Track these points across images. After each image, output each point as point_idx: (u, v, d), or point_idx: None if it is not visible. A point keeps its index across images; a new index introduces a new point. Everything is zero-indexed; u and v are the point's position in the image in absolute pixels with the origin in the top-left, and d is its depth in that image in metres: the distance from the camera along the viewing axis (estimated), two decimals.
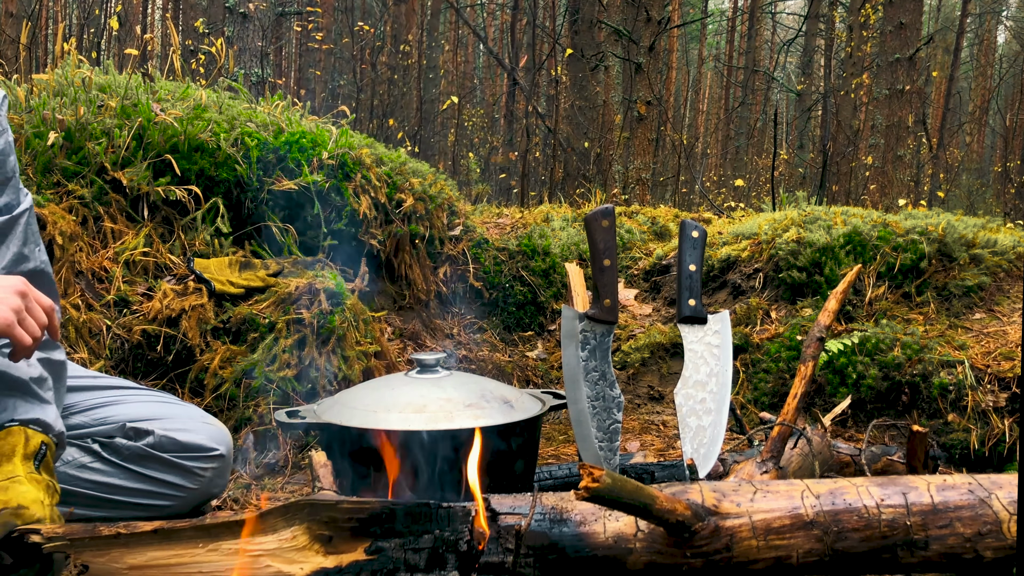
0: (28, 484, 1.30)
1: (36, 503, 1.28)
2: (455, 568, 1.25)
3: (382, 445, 1.50)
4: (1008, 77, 21.50)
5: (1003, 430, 2.58)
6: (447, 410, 1.56)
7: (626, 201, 8.47)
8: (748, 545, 1.32)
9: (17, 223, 1.48)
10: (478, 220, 3.97)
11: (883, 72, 9.80)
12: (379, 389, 1.72)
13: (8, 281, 1.31)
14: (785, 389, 2.99)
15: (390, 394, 1.64)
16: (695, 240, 1.82)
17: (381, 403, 1.60)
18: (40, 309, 1.33)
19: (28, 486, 1.30)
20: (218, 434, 1.68)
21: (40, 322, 1.33)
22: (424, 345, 3.13)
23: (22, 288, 1.31)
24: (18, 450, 1.33)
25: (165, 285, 2.52)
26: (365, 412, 1.58)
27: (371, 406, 1.60)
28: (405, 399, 1.60)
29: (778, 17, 22.75)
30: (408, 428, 1.52)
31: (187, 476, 1.62)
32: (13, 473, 1.30)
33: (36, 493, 1.29)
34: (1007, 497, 1.36)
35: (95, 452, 1.58)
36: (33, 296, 1.33)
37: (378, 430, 1.53)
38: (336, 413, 1.66)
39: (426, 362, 1.72)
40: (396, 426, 1.53)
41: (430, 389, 1.64)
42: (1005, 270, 3.33)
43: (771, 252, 3.66)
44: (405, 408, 1.57)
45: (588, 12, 10.80)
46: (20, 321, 1.28)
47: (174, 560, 1.24)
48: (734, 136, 20.62)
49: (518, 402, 1.72)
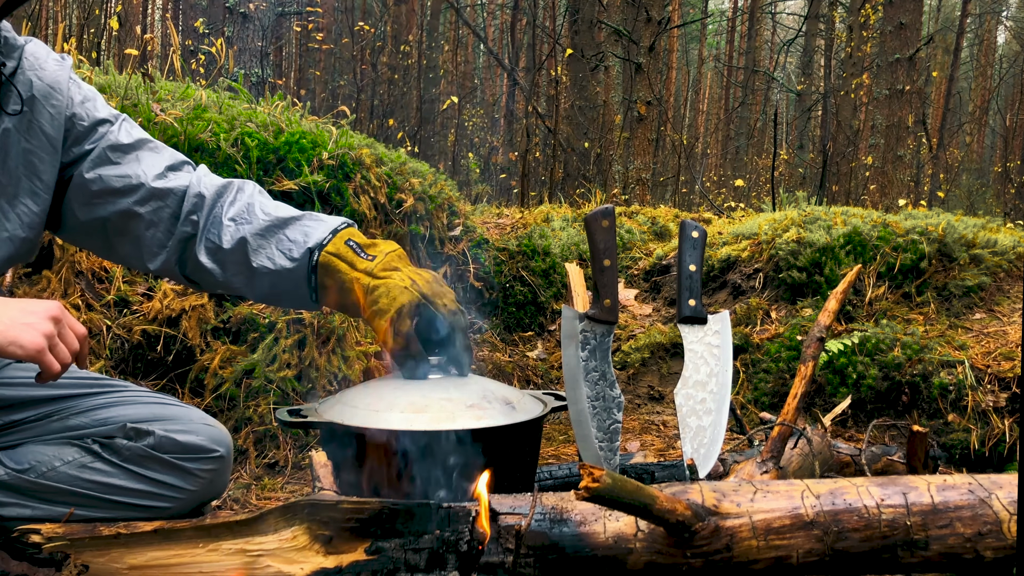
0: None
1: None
2: (455, 568, 1.25)
3: (383, 445, 1.49)
4: (1008, 77, 21.51)
5: (1003, 430, 2.58)
6: (449, 411, 1.56)
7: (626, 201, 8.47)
8: (748, 545, 1.32)
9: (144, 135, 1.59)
10: (478, 220, 3.97)
11: (883, 72, 9.80)
12: (380, 389, 1.72)
13: (43, 305, 1.29)
14: (785, 389, 2.99)
15: (391, 394, 1.64)
16: (695, 240, 1.81)
17: (382, 403, 1.60)
18: (73, 336, 1.32)
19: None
20: (218, 435, 1.68)
21: (71, 348, 1.32)
22: None
23: (56, 313, 1.29)
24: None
25: (165, 285, 2.52)
26: (367, 412, 1.58)
27: (372, 406, 1.60)
28: (407, 399, 1.60)
29: (778, 17, 22.76)
30: (410, 428, 1.52)
31: (187, 478, 1.61)
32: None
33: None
34: (1007, 497, 1.36)
35: (95, 452, 1.58)
36: (67, 322, 1.31)
37: (379, 430, 1.53)
38: (337, 412, 1.65)
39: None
40: (398, 426, 1.52)
41: (432, 389, 1.64)
42: (1005, 270, 3.33)
43: (771, 252, 3.66)
44: (407, 408, 1.56)
45: (588, 12, 10.80)
46: (51, 347, 1.27)
47: (174, 560, 1.25)
48: (734, 136, 20.62)
49: (520, 403, 1.71)
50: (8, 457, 1.55)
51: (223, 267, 1.55)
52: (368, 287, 1.48)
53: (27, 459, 1.55)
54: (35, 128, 1.48)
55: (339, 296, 1.53)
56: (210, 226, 1.55)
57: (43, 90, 1.50)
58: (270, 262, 1.52)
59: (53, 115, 1.51)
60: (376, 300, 1.47)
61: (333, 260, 1.51)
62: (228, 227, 1.54)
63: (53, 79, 1.52)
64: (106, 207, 1.54)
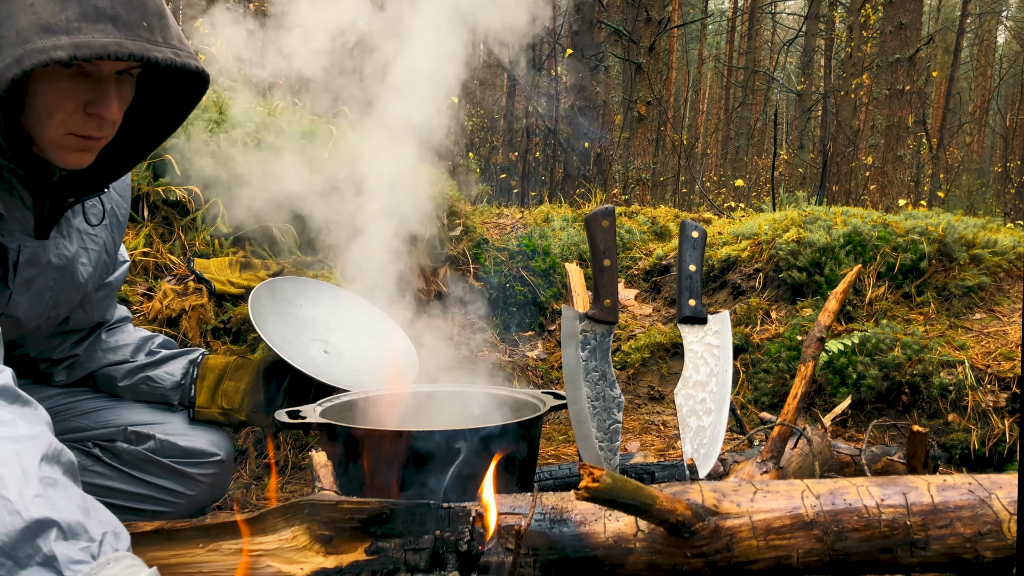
0: None
1: None
2: (455, 568, 1.25)
3: (383, 445, 1.50)
4: (1008, 77, 21.51)
5: (1003, 430, 2.58)
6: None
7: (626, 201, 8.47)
8: (748, 545, 1.32)
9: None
10: (478, 220, 3.97)
11: (883, 72, 9.80)
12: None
13: None
14: (785, 389, 2.99)
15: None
16: (695, 240, 1.82)
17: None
18: None
19: None
20: (219, 439, 1.68)
21: None
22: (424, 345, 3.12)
23: None
24: None
25: (165, 285, 2.52)
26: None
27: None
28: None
29: (778, 17, 22.74)
30: (409, 429, 1.52)
31: (187, 482, 1.61)
32: None
33: None
34: (1007, 497, 1.36)
35: (96, 456, 1.58)
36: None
37: (379, 430, 1.53)
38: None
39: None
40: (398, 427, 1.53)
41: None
42: (1005, 270, 3.33)
43: (771, 252, 3.66)
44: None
45: (588, 12, 10.80)
46: None
47: (174, 560, 1.25)
48: (734, 136, 20.62)
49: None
50: None
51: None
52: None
53: None
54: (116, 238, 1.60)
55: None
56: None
57: (116, 201, 1.57)
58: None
59: (121, 230, 1.62)
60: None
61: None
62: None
63: (120, 193, 1.60)
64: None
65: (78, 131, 1.21)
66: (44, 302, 1.41)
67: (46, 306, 1.42)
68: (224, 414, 1.67)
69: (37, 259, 1.36)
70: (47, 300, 1.41)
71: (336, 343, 1.92)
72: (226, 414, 1.67)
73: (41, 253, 1.36)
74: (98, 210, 1.48)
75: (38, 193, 1.32)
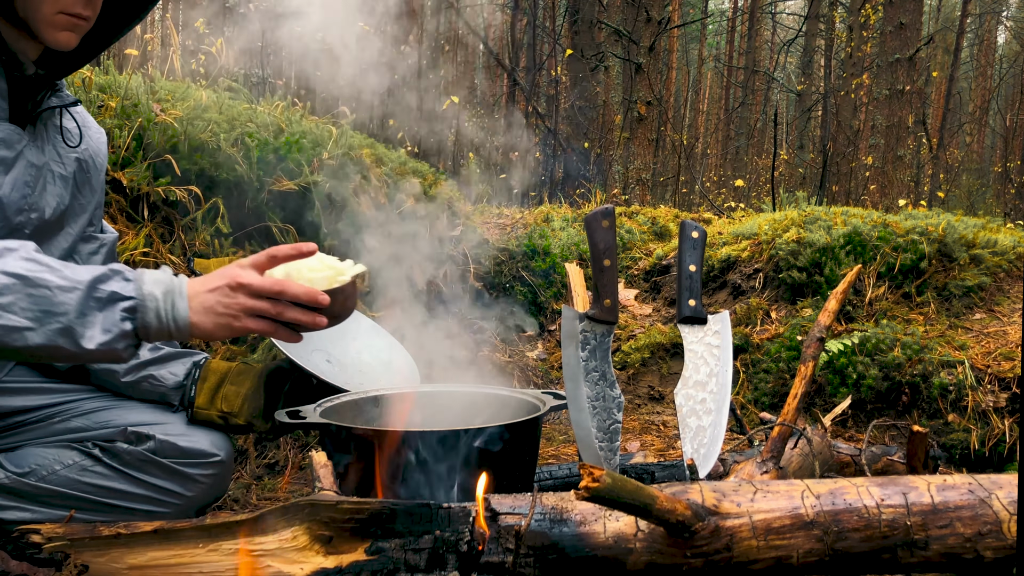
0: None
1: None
2: (455, 568, 1.25)
3: (383, 445, 1.50)
4: (1008, 77, 21.50)
5: (1003, 430, 2.58)
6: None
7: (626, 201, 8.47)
8: (748, 545, 1.32)
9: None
10: (478, 220, 3.97)
11: (883, 72, 9.80)
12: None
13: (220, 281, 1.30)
14: (785, 389, 2.99)
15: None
16: (695, 240, 1.82)
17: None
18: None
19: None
20: (219, 440, 1.68)
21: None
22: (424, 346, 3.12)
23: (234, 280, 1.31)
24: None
25: None
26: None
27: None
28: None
29: (778, 17, 22.74)
30: (410, 429, 1.52)
31: (187, 483, 1.61)
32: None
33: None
34: (1007, 497, 1.36)
35: (95, 456, 1.58)
36: (256, 288, 1.30)
37: (379, 430, 1.53)
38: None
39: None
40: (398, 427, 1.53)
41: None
42: (1005, 270, 3.33)
43: (771, 252, 3.66)
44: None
45: (588, 12, 10.80)
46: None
47: (174, 560, 1.24)
48: (734, 136, 20.62)
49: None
50: (9, 460, 1.55)
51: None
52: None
53: (28, 462, 1.55)
54: (87, 186, 1.65)
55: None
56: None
57: (93, 150, 1.66)
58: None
59: (96, 181, 1.68)
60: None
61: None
62: None
63: (96, 147, 1.68)
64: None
65: (68, 9, 1.36)
66: (21, 192, 1.46)
67: (23, 198, 1.47)
68: (223, 417, 1.68)
69: (12, 143, 1.43)
70: (24, 192, 1.47)
71: (339, 354, 1.93)
72: (225, 417, 1.68)
73: (16, 140, 1.44)
74: (74, 135, 1.61)
75: (13, 84, 1.43)
